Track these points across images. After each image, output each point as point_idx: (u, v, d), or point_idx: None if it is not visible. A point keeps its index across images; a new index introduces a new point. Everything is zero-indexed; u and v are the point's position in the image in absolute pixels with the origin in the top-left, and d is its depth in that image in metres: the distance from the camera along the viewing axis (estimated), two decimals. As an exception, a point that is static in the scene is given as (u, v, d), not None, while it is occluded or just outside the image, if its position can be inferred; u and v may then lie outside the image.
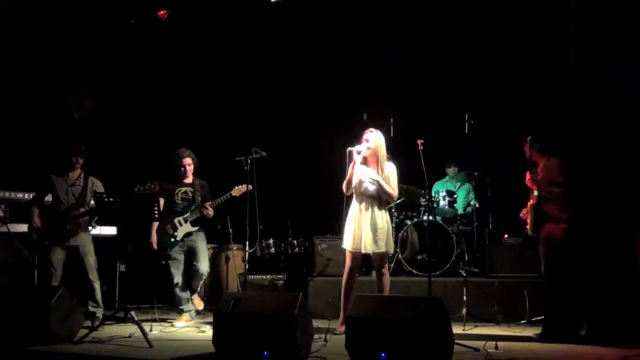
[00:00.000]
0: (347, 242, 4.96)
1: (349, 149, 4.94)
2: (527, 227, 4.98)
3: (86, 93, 7.66)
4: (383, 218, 4.96)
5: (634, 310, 4.78)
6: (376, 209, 4.94)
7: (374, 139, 4.96)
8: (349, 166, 4.93)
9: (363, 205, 4.95)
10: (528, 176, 4.96)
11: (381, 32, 7.23)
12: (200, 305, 5.89)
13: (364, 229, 4.89)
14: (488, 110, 6.94)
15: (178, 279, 5.68)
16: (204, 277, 5.80)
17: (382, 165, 4.96)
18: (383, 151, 4.98)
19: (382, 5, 7.04)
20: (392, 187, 5.01)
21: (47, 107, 7.37)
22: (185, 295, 5.72)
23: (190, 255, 5.73)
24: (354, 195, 5.02)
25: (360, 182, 4.96)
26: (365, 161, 5.00)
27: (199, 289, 5.88)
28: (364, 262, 5.48)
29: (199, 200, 5.77)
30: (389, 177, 4.99)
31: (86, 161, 5.52)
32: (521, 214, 5.07)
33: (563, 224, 4.74)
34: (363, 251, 4.91)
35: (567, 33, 6.43)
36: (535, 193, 4.87)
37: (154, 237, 5.69)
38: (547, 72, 6.62)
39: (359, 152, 4.93)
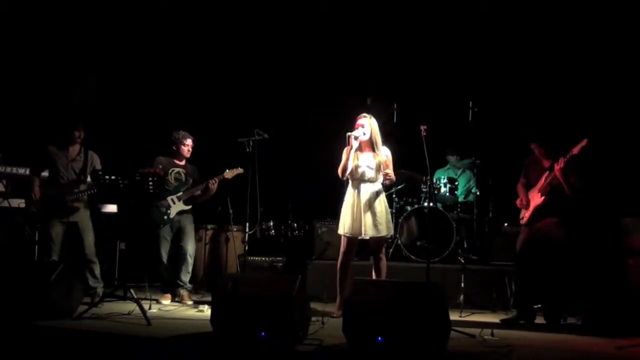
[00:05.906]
0: (346, 227, 4.96)
1: (348, 134, 4.93)
2: (525, 217, 4.97)
3: (85, 72, 7.62)
4: (381, 202, 4.97)
5: (626, 300, 4.79)
6: (374, 193, 4.95)
7: (369, 124, 4.96)
8: (345, 151, 4.93)
9: (361, 190, 4.95)
10: (562, 165, 4.64)
11: (387, 17, 7.17)
12: (189, 300, 5.71)
13: (363, 214, 4.89)
14: (492, 99, 6.91)
15: (165, 259, 5.70)
16: (190, 261, 5.75)
17: (377, 150, 4.98)
18: (377, 136, 4.99)
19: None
20: (390, 171, 5.02)
21: (47, 83, 7.35)
22: (168, 276, 5.74)
23: (178, 236, 5.75)
24: (350, 181, 5.02)
25: (357, 167, 4.95)
26: (360, 146, 4.99)
27: (187, 281, 5.77)
28: (361, 246, 5.49)
29: (190, 183, 5.83)
30: (387, 161, 5.01)
31: (86, 136, 5.51)
32: (520, 203, 5.03)
33: (561, 217, 4.75)
34: (363, 236, 4.92)
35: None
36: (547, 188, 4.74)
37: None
38: (551, 60, 6.58)
39: (356, 138, 4.92)
